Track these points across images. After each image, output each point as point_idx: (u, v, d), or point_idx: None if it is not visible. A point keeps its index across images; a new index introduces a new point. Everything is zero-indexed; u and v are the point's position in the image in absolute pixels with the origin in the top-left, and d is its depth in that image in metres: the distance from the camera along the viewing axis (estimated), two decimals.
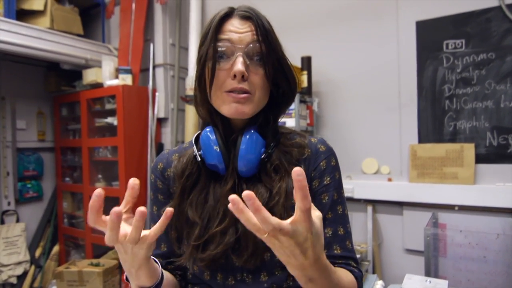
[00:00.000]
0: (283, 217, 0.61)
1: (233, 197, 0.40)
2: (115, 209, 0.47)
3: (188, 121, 2.85)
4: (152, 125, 2.92)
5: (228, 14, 0.65)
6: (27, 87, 3.23)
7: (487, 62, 2.02)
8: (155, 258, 0.63)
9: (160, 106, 3.00)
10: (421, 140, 2.19)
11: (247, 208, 0.41)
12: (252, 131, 0.66)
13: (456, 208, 2.05)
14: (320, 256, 0.48)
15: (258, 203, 0.40)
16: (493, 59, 2.00)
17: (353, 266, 0.68)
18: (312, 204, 0.44)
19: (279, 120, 0.73)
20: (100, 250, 2.96)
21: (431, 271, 1.73)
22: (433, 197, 2.09)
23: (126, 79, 2.83)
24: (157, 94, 3.00)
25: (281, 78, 0.68)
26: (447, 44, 2.11)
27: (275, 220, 0.41)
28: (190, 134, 2.83)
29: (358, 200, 2.33)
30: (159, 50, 3.04)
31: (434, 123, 2.16)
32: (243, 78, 0.62)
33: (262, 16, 0.66)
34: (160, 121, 3.08)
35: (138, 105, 2.89)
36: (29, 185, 3.21)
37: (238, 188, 0.66)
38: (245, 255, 0.63)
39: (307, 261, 0.46)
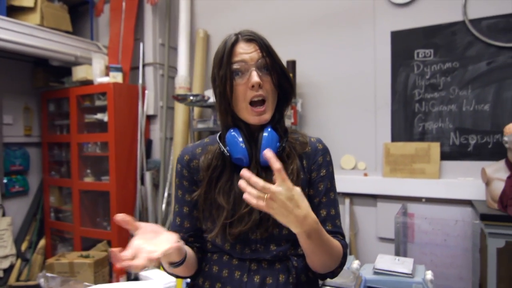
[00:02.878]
0: None
1: (240, 183, 0.64)
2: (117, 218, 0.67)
3: (178, 119, 2.97)
4: (141, 122, 3.02)
5: (236, 40, 0.81)
6: (14, 83, 3.24)
7: (452, 70, 2.27)
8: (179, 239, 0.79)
9: (149, 104, 3.11)
10: (394, 139, 2.42)
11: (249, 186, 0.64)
12: (269, 129, 0.83)
13: (423, 200, 2.29)
14: (309, 212, 0.68)
15: (254, 179, 0.63)
16: (457, 68, 2.26)
17: (340, 238, 0.86)
18: (290, 183, 0.66)
19: (284, 113, 0.90)
20: (89, 242, 3.04)
21: (400, 254, 1.96)
22: (404, 190, 2.33)
23: (117, 77, 2.91)
24: (146, 92, 3.10)
25: (284, 81, 0.85)
26: (417, 53, 2.35)
27: (264, 183, 0.63)
28: (180, 131, 2.95)
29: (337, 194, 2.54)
30: (148, 49, 3.14)
31: (405, 124, 2.39)
32: (260, 86, 0.79)
33: (262, 37, 0.83)
34: (149, 118, 3.18)
35: (128, 102, 2.98)
36: (15, 180, 3.23)
37: (260, 176, 0.80)
38: (265, 227, 0.80)
39: (300, 215, 0.66)
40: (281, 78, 0.83)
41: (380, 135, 2.47)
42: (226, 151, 0.83)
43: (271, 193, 0.63)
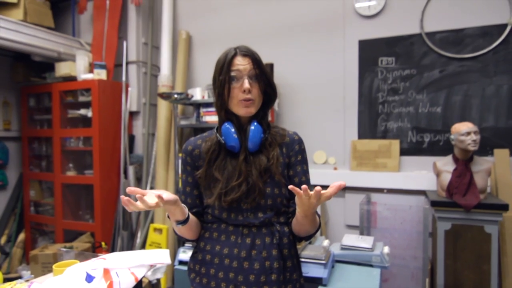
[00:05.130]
0: (276, 172, 1.04)
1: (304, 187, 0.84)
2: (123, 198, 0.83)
3: (161, 115, 3.11)
4: (125, 118, 3.14)
5: (234, 54, 1.04)
6: None
7: (410, 77, 2.57)
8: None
9: (132, 100, 3.23)
10: (360, 136, 2.71)
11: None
12: (255, 123, 1.06)
13: (385, 191, 2.59)
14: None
15: (318, 189, 0.82)
16: (414, 74, 2.57)
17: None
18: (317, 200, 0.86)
19: (268, 112, 1.14)
20: (72, 235, 3.11)
21: None
22: (368, 182, 2.62)
23: (101, 74, 3.01)
24: (130, 89, 3.21)
25: (268, 88, 1.09)
26: (381, 60, 2.64)
27: (315, 193, 0.84)
28: (162, 127, 3.10)
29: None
30: (132, 48, 3.25)
31: (370, 123, 2.68)
32: (249, 91, 1.02)
33: (254, 52, 1.06)
34: (132, 114, 3.29)
35: (112, 99, 3.09)
36: None
37: (248, 159, 1.06)
38: (252, 197, 1.03)
39: (312, 210, 0.92)
40: (266, 85, 1.07)
41: (348, 133, 2.74)
42: (222, 140, 1.06)
43: (317, 196, 0.84)
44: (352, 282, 1.49)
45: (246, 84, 1.01)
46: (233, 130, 1.04)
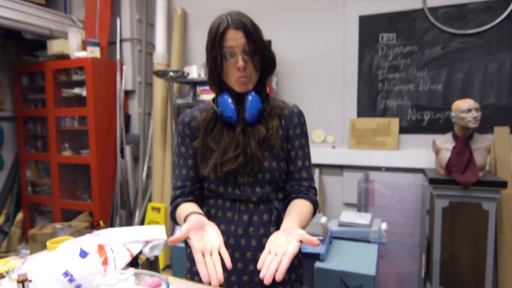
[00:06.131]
0: (275, 144, 1.00)
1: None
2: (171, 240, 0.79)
3: (157, 94, 3.06)
4: (120, 97, 3.08)
5: (227, 26, 0.96)
6: None
7: (411, 53, 2.52)
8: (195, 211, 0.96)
9: (127, 79, 3.16)
10: (359, 114, 2.67)
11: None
12: (253, 93, 1.01)
13: (383, 169, 2.58)
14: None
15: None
16: (416, 51, 2.51)
17: (312, 190, 1.07)
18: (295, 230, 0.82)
19: (266, 82, 1.08)
20: (70, 214, 3.12)
21: None
22: (366, 161, 2.60)
23: (95, 52, 2.94)
24: (124, 67, 3.14)
25: (264, 61, 1.02)
26: (382, 37, 2.57)
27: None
28: (159, 106, 3.05)
29: None
30: (126, 25, 3.16)
31: (369, 101, 2.64)
32: (244, 68, 0.96)
33: (248, 22, 0.98)
34: (128, 94, 3.24)
35: (107, 77, 3.03)
36: None
37: (246, 130, 1.01)
38: (250, 168, 0.99)
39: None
40: (263, 59, 1.00)
41: (347, 111, 2.70)
42: (218, 111, 1.01)
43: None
44: (350, 258, 1.49)
45: (241, 62, 0.95)
46: (230, 100, 1.00)
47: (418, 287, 2.11)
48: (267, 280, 0.73)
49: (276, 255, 0.78)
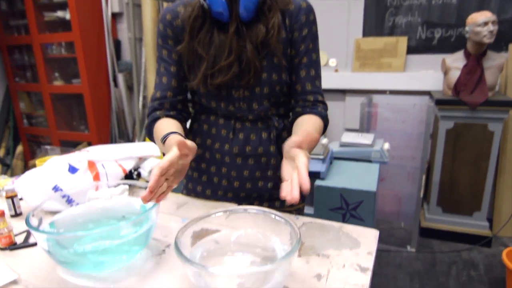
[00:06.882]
0: (276, 49, 0.84)
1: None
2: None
3: (146, 16, 2.83)
4: (107, 20, 2.86)
5: None
6: None
7: None
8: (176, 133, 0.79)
9: (113, 0, 2.90)
10: (365, 34, 2.48)
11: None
12: None
13: (388, 92, 2.47)
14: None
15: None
16: None
17: (319, 104, 0.91)
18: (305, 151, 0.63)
19: None
20: (69, 145, 3.10)
21: None
22: (370, 84, 2.48)
23: None
24: None
25: None
26: None
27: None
28: (149, 29, 2.84)
29: None
30: None
31: (377, 18, 2.44)
32: None
33: None
34: (116, 17, 3.00)
35: None
36: None
37: (241, 31, 0.83)
38: (246, 79, 0.85)
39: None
40: None
41: (352, 30, 2.51)
42: (205, 4, 0.80)
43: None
44: (351, 176, 1.47)
45: None
46: None
47: (415, 208, 2.15)
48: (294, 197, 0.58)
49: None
